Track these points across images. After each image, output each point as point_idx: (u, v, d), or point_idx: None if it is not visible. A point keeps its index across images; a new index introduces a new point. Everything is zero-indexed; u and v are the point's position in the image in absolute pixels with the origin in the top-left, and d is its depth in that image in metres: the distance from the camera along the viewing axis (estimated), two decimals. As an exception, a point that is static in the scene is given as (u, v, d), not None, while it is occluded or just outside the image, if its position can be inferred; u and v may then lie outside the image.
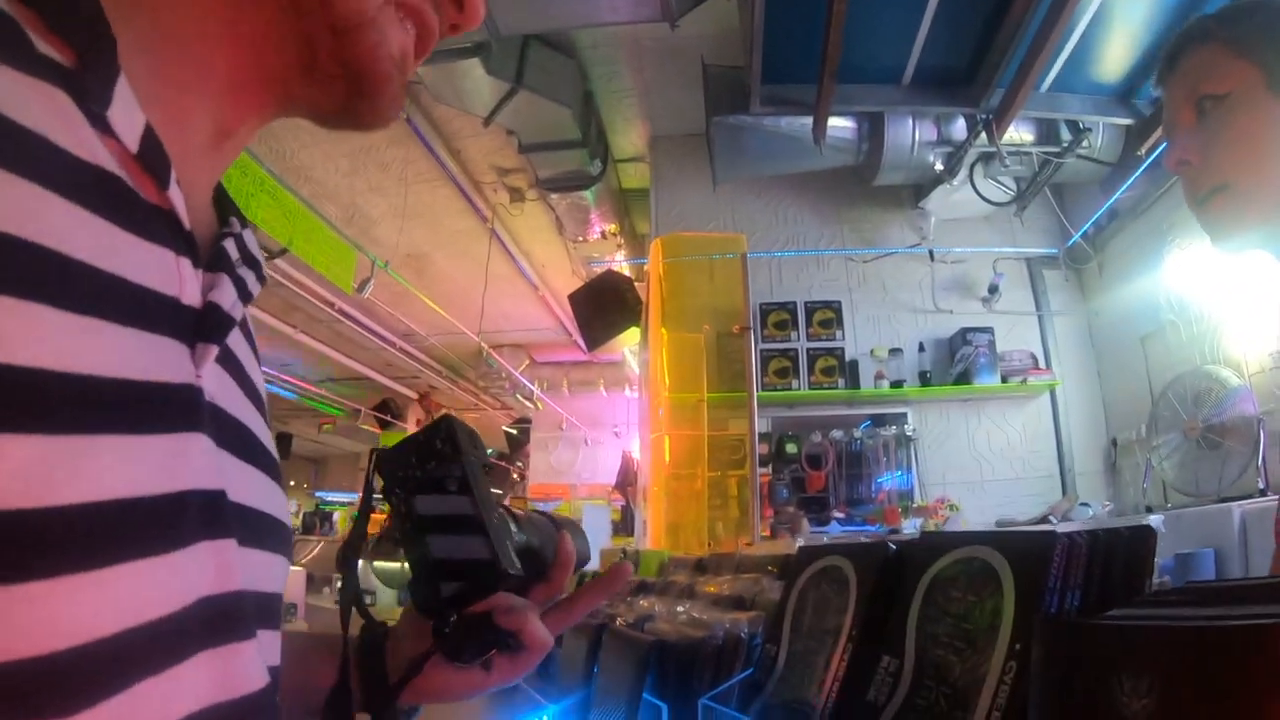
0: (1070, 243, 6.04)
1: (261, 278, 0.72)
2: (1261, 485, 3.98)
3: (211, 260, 0.63)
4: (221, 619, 0.56)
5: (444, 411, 0.89)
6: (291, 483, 20.54)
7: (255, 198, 5.37)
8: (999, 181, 5.60)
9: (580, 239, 7.55)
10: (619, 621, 1.52)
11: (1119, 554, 0.81)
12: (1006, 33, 4.33)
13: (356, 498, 16.88)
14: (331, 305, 9.39)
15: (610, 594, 1.01)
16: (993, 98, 4.84)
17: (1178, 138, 1.31)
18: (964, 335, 5.72)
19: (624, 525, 8.82)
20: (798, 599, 1.14)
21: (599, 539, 8.65)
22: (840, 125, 5.30)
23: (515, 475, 16.23)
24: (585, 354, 11.60)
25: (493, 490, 0.89)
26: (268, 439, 0.72)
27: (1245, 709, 0.52)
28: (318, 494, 20.73)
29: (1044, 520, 5.11)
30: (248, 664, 0.58)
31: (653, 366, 5.69)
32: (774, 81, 4.80)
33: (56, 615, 0.44)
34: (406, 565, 0.85)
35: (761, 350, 5.67)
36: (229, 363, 0.65)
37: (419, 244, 8.61)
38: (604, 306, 6.67)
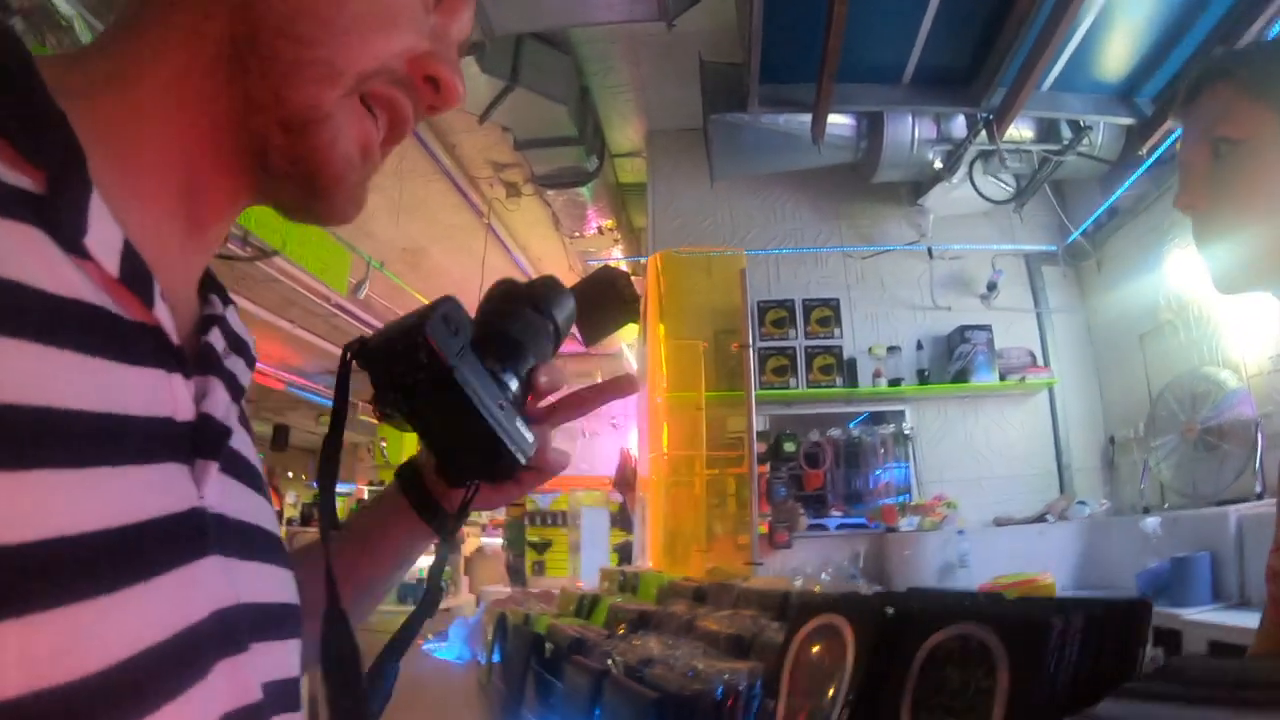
0: (1070, 240, 6.02)
1: (251, 360, 0.72)
2: (1259, 489, 3.97)
3: (199, 360, 0.62)
4: None
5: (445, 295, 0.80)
6: (290, 474, 20.61)
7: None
8: (998, 179, 5.58)
9: (577, 235, 7.54)
10: (620, 662, 1.52)
11: (1114, 629, 0.81)
12: (1009, 32, 4.30)
13: (355, 488, 16.92)
14: (328, 300, 9.38)
15: (619, 396, 1.04)
16: (994, 97, 4.82)
17: (1189, 180, 1.29)
18: (962, 333, 5.71)
19: (621, 519, 8.83)
20: (795, 655, 1.13)
21: (599, 547, 8.67)
22: (839, 123, 5.28)
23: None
24: (581, 345, 11.58)
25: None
26: (270, 522, 0.72)
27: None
28: (313, 484, 20.74)
29: (1041, 519, 5.12)
30: None
31: (652, 366, 5.69)
32: (772, 81, 4.78)
33: None
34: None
35: (759, 349, 5.66)
36: (230, 463, 0.64)
37: (415, 238, 8.58)
38: (602, 302, 6.63)
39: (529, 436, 0.85)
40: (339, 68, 0.63)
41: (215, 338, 0.65)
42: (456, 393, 0.79)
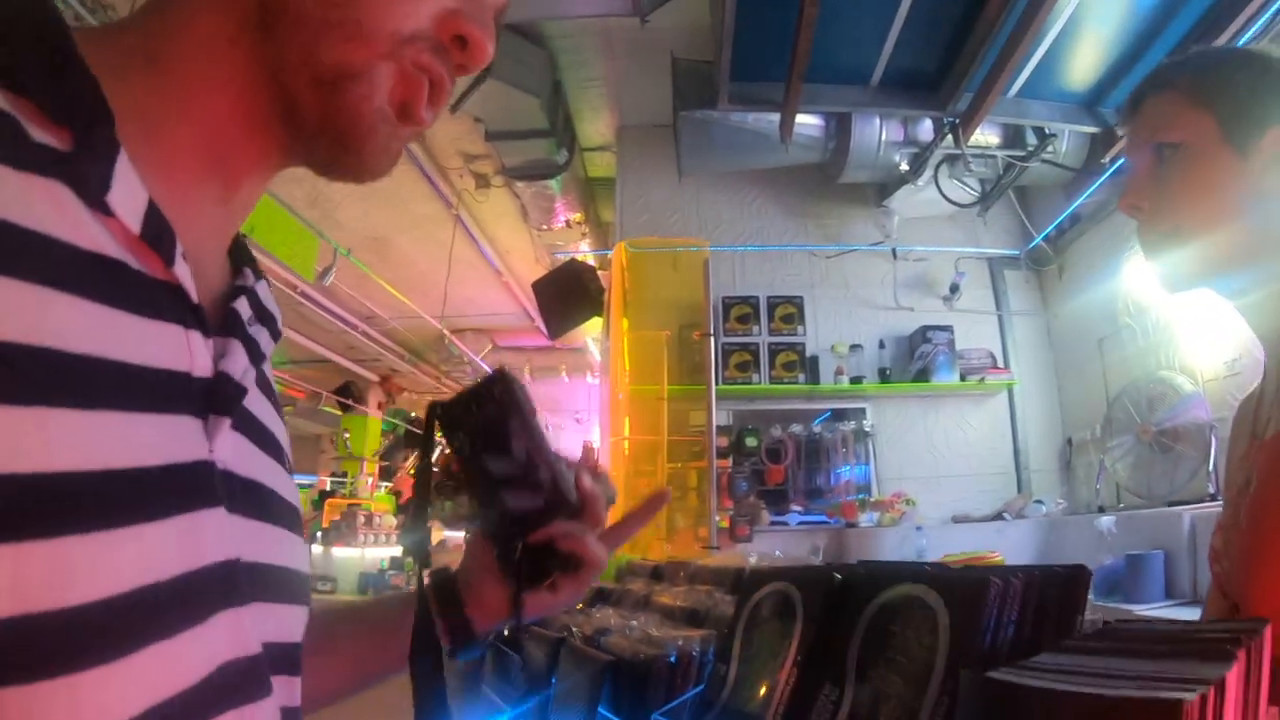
0: (1032, 245, 6.12)
1: (276, 333, 0.74)
2: (1212, 490, 4.06)
3: (223, 324, 0.65)
4: (241, 681, 0.59)
5: (500, 366, 0.94)
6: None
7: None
8: (963, 182, 5.65)
9: (545, 227, 7.56)
10: (577, 633, 1.55)
11: (1053, 594, 0.84)
12: (977, 39, 4.36)
13: (317, 481, 16.79)
14: (294, 288, 9.34)
15: (651, 517, 1.08)
16: (960, 102, 4.89)
17: (1132, 182, 1.35)
18: (924, 333, 5.78)
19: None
20: (747, 621, 1.17)
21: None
22: (807, 123, 5.32)
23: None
24: (548, 340, 11.61)
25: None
26: (287, 489, 0.74)
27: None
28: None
29: (999, 517, 5.20)
30: (264, 714, 0.62)
31: (614, 358, 5.71)
32: (743, 79, 4.82)
33: (82, 707, 0.47)
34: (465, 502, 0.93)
35: (723, 344, 5.70)
36: (246, 424, 0.66)
37: (383, 227, 8.58)
38: (567, 295, 6.67)
39: (574, 490, 0.96)
40: (367, 27, 0.65)
41: (242, 305, 0.68)
42: (528, 418, 0.91)
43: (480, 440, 0.90)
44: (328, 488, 16.43)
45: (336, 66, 0.65)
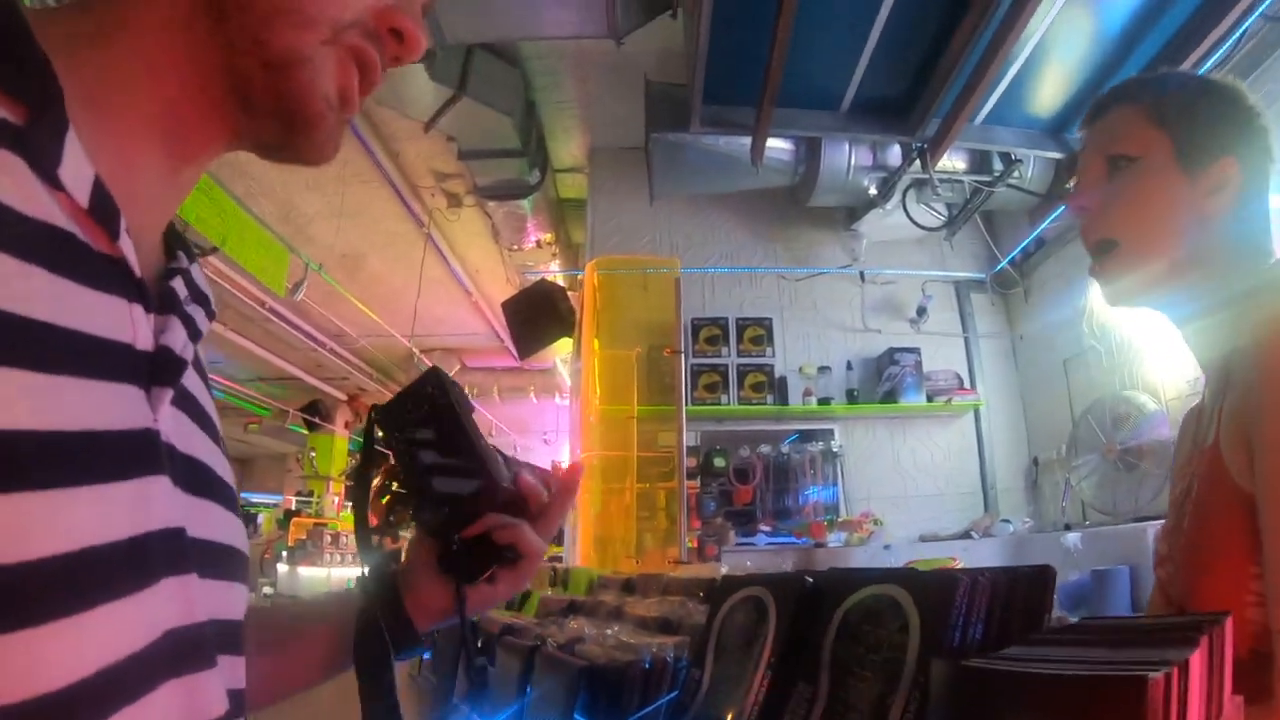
0: (998, 268, 6.20)
1: (210, 313, 0.76)
2: (1175, 505, 4.11)
3: (161, 301, 0.66)
4: (187, 649, 0.60)
5: (433, 366, 1.00)
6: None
7: (192, 196, 5.32)
8: (931, 207, 5.72)
9: (516, 247, 7.57)
10: (551, 643, 1.56)
11: (1020, 592, 0.87)
12: (945, 66, 4.42)
13: (282, 499, 16.64)
14: (263, 304, 9.29)
15: (574, 493, 1.10)
16: (928, 128, 4.95)
17: (1084, 186, 1.41)
18: (891, 355, 5.84)
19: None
20: (721, 625, 1.19)
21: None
22: (778, 147, 5.37)
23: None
24: (516, 361, 11.59)
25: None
26: (224, 469, 0.76)
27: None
28: (243, 495, 20.44)
29: (966, 535, 5.25)
30: (210, 691, 0.62)
31: (584, 378, 5.72)
32: (715, 102, 4.86)
33: (36, 663, 0.48)
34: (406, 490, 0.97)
35: (692, 365, 5.73)
36: (184, 401, 0.68)
37: (354, 244, 8.56)
38: (537, 316, 6.67)
39: (506, 474, 1.00)
40: (312, 15, 0.68)
41: (178, 284, 0.69)
42: (453, 416, 0.96)
43: (417, 435, 0.94)
44: (293, 507, 16.31)
45: (284, 51, 0.68)
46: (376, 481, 0.99)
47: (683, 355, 5.49)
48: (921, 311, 6.07)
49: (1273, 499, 1.10)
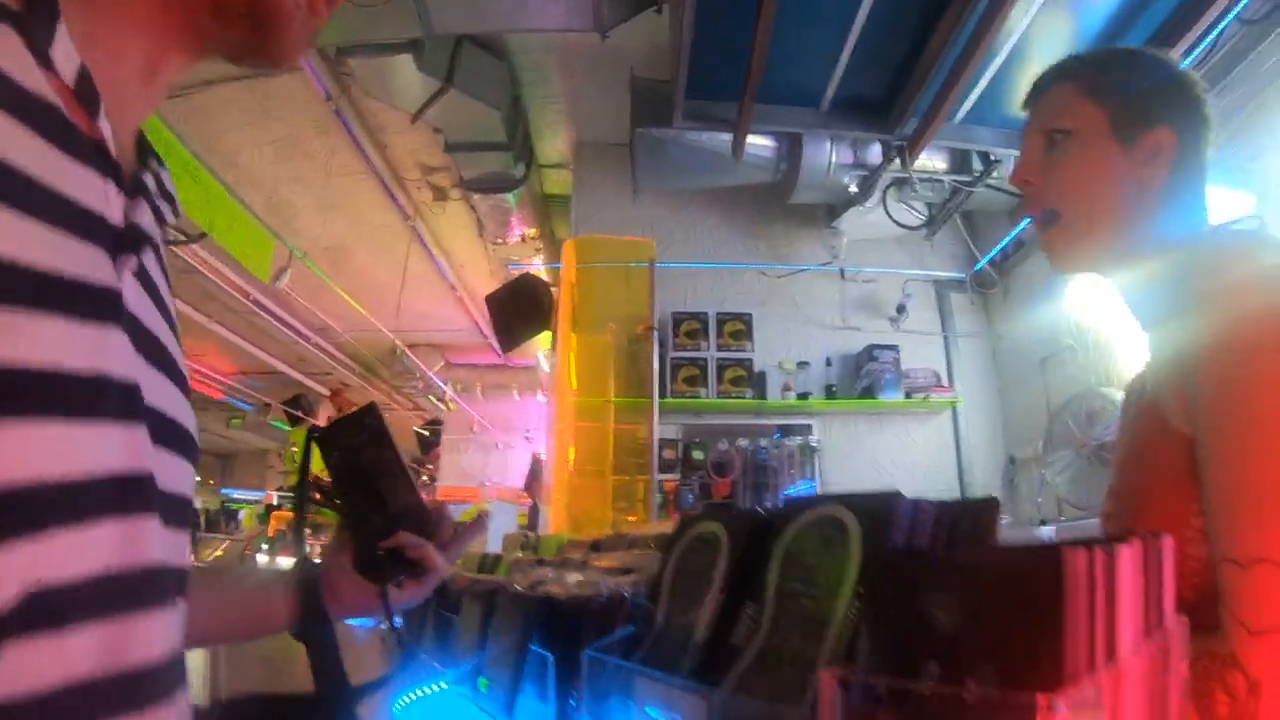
0: (977, 268, 6.27)
1: (176, 211, 0.82)
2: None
3: (132, 187, 0.71)
4: (131, 493, 0.64)
5: (371, 402, 1.18)
6: (197, 478, 20.13)
7: (179, 179, 5.34)
8: (910, 206, 5.79)
9: (500, 241, 7.61)
10: (514, 587, 1.61)
11: (965, 523, 0.91)
12: (924, 65, 4.48)
13: (264, 495, 16.62)
14: (247, 295, 9.30)
15: (477, 534, 1.39)
16: (907, 126, 5.01)
17: (1026, 160, 1.49)
18: (870, 352, 5.89)
19: (530, 523, 8.87)
20: (677, 562, 1.24)
21: (505, 528, 8.68)
22: (760, 144, 5.42)
23: (425, 477, 16.13)
24: (500, 357, 11.59)
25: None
26: (180, 357, 0.80)
27: (1030, 617, 0.64)
28: (224, 491, 20.37)
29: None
30: (152, 538, 0.65)
31: (561, 369, 5.73)
32: (698, 97, 4.91)
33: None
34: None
35: (672, 358, 5.77)
36: (146, 282, 0.72)
37: (339, 237, 8.57)
38: (520, 309, 6.72)
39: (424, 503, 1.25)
40: None
41: (148, 178, 0.75)
42: (389, 445, 1.19)
43: (351, 459, 1.16)
44: (275, 502, 16.27)
45: None
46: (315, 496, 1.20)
47: (655, 335, 5.49)
48: (901, 309, 6.13)
49: (1212, 433, 1.16)
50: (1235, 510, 1.11)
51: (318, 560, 1.27)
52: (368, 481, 1.18)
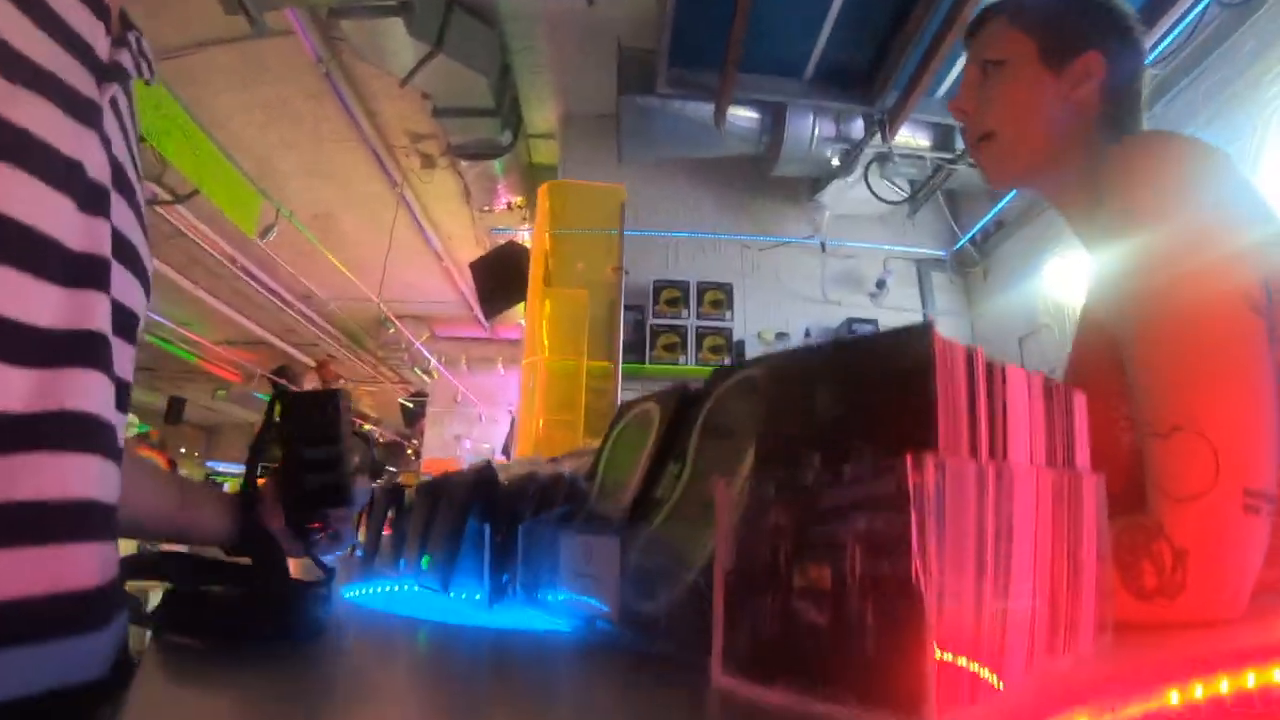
0: (957, 246, 6.31)
1: (152, 71, 0.86)
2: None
3: (116, 39, 0.78)
4: (85, 270, 0.69)
5: (341, 386, 1.28)
6: (182, 450, 20.16)
7: (168, 134, 5.37)
8: (893, 182, 5.82)
9: (486, 209, 7.62)
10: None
11: (897, 361, 0.91)
12: (905, 36, 4.52)
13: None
14: (234, 261, 9.30)
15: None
16: (889, 99, 5.05)
17: (963, 92, 1.56)
18: (850, 325, 5.93)
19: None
20: (613, 442, 1.27)
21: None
22: (744, 115, 5.45)
23: (410, 451, 16.14)
24: (485, 330, 11.59)
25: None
26: (141, 199, 0.86)
27: (904, 393, 0.66)
28: (208, 464, 20.36)
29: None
30: (101, 304, 0.71)
31: (532, 328, 5.68)
32: (681, 65, 4.95)
33: None
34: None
35: (652, 325, 5.79)
36: (120, 124, 0.79)
37: (327, 204, 8.57)
38: (504, 277, 6.76)
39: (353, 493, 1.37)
40: None
41: (131, 36, 0.81)
42: (335, 439, 1.30)
43: (306, 432, 1.26)
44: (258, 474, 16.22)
45: None
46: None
47: (624, 276, 5.47)
48: (881, 285, 6.17)
49: (1128, 311, 1.19)
50: (1153, 384, 1.14)
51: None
52: (315, 457, 1.29)
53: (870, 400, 0.69)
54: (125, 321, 0.77)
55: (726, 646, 0.73)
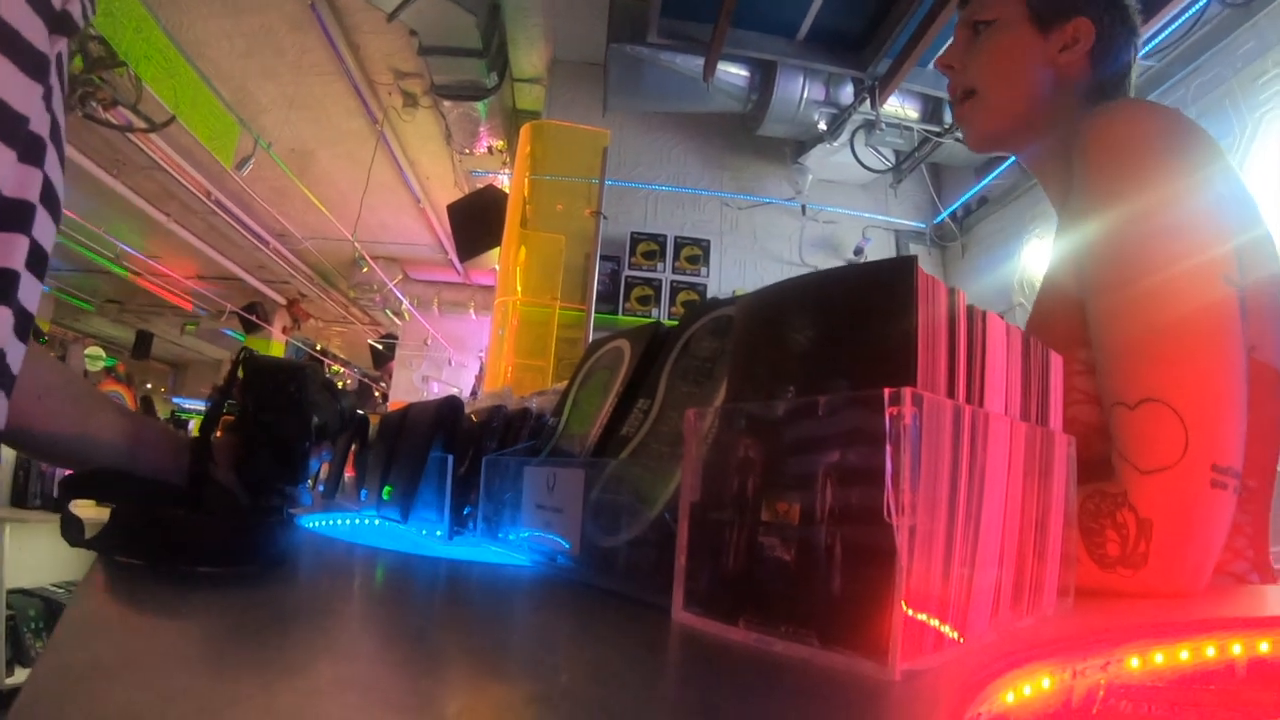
0: (938, 220, 6.30)
1: (94, 9, 0.86)
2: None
3: None
4: (13, 214, 0.70)
5: (311, 323, 1.21)
6: (149, 385, 20.05)
7: (148, 59, 5.27)
8: (878, 151, 5.80)
9: (467, 151, 7.52)
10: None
11: (879, 293, 0.89)
12: (902, 4, 4.49)
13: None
14: (208, 195, 9.19)
15: None
16: (880, 66, 5.02)
17: (951, 48, 1.58)
18: (825, 291, 5.91)
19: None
20: (583, 377, 1.25)
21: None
22: (733, 72, 5.41)
23: (378, 394, 16.10)
24: (459, 275, 11.52)
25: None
26: (64, 140, 0.84)
27: (882, 327, 0.65)
28: (175, 400, 20.22)
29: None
30: (22, 244, 0.72)
31: (506, 271, 5.62)
32: (674, 16, 4.90)
33: None
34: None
35: (627, 276, 5.75)
36: (60, 76, 0.77)
37: (305, 139, 8.45)
38: (481, 221, 6.71)
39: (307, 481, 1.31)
40: None
41: None
42: (300, 404, 1.21)
43: (266, 406, 1.19)
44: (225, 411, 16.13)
45: None
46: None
47: (601, 220, 5.41)
48: (859, 252, 6.14)
49: (1097, 279, 1.19)
50: (1123, 354, 1.14)
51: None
52: (274, 430, 1.22)
53: (849, 332, 0.68)
54: (38, 259, 0.77)
55: (688, 582, 0.72)
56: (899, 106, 5.40)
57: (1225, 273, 1.11)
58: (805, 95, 5.45)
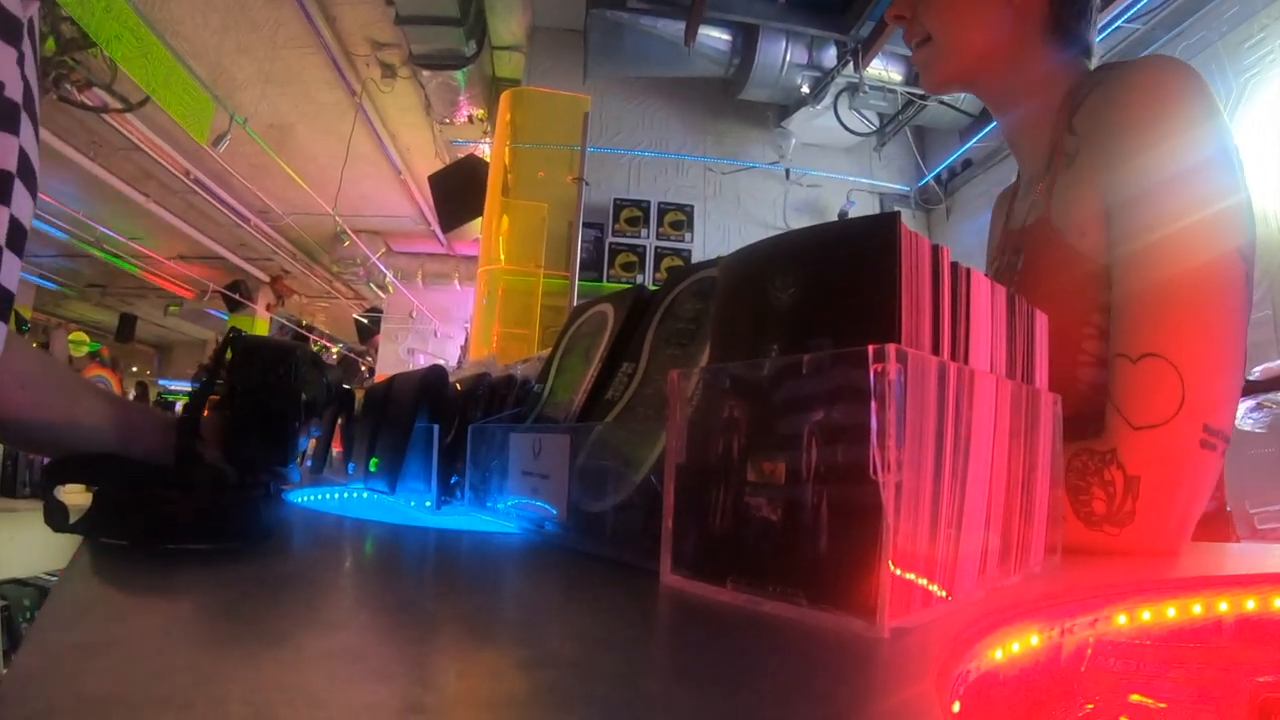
0: (922, 183, 6.30)
1: None
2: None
3: None
4: None
5: (295, 299, 1.18)
6: (134, 368, 19.99)
7: (120, 39, 5.20)
8: (862, 114, 5.79)
9: (447, 121, 7.46)
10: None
11: (861, 249, 0.89)
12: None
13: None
14: (187, 174, 9.10)
15: None
16: (863, 29, 5.00)
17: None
18: (810, 254, 5.91)
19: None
20: (567, 342, 1.24)
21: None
22: (715, 36, 5.38)
23: (365, 368, 16.06)
24: (442, 246, 11.45)
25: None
26: (39, 111, 0.83)
27: (866, 283, 0.64)
28: (161, 381, 20.15)
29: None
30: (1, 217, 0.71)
31: (488, 240, 5.62)
32: (654, -21, 4.87)
33: None
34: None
35: (610, 243, 5.75)
36: (32, 41, 0.76)
37: (283, 114, 8.35)
38: (463, 191, 6.67)
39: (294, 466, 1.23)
40: None
41: None
42: (288, 388, 1.17)
43: (254, 388, 1.15)
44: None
45: None
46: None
47: (583, 186, 5.37)
48: (843, 215, 6.13)
49: (1127, 230, 1.18)
50: (1137, 308, 1.14)
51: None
52: (261, 409, 1.19)
53: (832, 290, 0.67)
54: (18, 235, 0.76)
55: (676, 544, 0.71)
56: (882, 69, 5.38)
57: (1243, 250, 1.11)
58: (788, 59, 5.42)
